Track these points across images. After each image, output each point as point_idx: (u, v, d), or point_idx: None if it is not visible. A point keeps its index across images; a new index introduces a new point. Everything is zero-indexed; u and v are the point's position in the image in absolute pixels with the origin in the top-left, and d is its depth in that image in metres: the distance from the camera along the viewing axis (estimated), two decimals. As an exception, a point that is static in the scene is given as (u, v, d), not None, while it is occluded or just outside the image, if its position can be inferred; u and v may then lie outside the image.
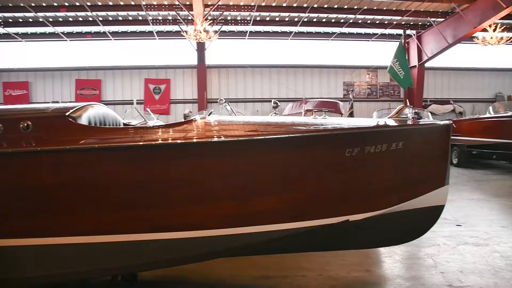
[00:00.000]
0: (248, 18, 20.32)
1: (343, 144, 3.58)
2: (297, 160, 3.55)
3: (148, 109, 13.02)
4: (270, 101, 17.77)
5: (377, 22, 21.18)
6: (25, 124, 3.51)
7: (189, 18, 17.94)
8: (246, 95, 23.08)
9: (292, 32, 22.04)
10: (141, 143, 3.41)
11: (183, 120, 4.44)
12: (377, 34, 22.16)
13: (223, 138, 3.42)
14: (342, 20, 20.69)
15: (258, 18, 20.55)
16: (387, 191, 3.89)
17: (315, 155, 3.55)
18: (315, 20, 20.95)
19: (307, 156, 3.54)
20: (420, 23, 21.57)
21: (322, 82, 23.48)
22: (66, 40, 21.85)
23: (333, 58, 23.64)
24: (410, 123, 4.22)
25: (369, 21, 21.01)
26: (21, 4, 17.69)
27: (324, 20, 20.96)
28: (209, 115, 4.00)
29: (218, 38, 17.84)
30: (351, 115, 16.61)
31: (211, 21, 17.64)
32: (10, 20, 19.97)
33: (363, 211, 3.75)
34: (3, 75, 22.39)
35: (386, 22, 21.11)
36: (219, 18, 19.06)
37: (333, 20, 20.92)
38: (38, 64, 22.65)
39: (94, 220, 3.46)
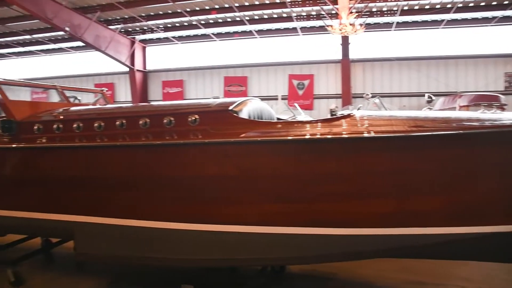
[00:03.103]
0: (395, 8, 19.40)
1: None
2: (467, 158, 3.19)
3: (296, 104, 13.24)
4: (418, 96, 16.70)
5: (552, 0, 18.43)
6: (193, 118, 3.77)
7: (333, 12, 17.78)
8: (392, 89, 22.05)
9: (443, 20, 20.44)
10: (298, 137, 3.39)
11: (329, 115, 4.34)
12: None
13: (383, 134, 3.24)
14: (506, 2, 18.49)
15: (405, 8, 19.51)
16: None
17: (489, 152, 3.16)
18: (471, 4, 19.16)
19: (480, 154, 3.17)
20: None
21: (478, 73, 21.26)
22: (215, 40, 23.73)
23: (491, 46, 21.21)
24: None
25: (541, 0, 18.40)
26: (179, 10, 19.67)
27: (482, 4, 19.01)
28: (357, 109, 3.85)
29: (364, 31, 17.34)
30: (519, 109, 14.72)
31: (356, 13, 17.21)
32: (169, 26, 22.47)
33: None
34: (162, 75, 25.46)
35: None
36: (364, 10, 18.52)
37: (494, 3, 18.84)
38: (191, 63, 24.99)
39: (251, 211, 3.56)
